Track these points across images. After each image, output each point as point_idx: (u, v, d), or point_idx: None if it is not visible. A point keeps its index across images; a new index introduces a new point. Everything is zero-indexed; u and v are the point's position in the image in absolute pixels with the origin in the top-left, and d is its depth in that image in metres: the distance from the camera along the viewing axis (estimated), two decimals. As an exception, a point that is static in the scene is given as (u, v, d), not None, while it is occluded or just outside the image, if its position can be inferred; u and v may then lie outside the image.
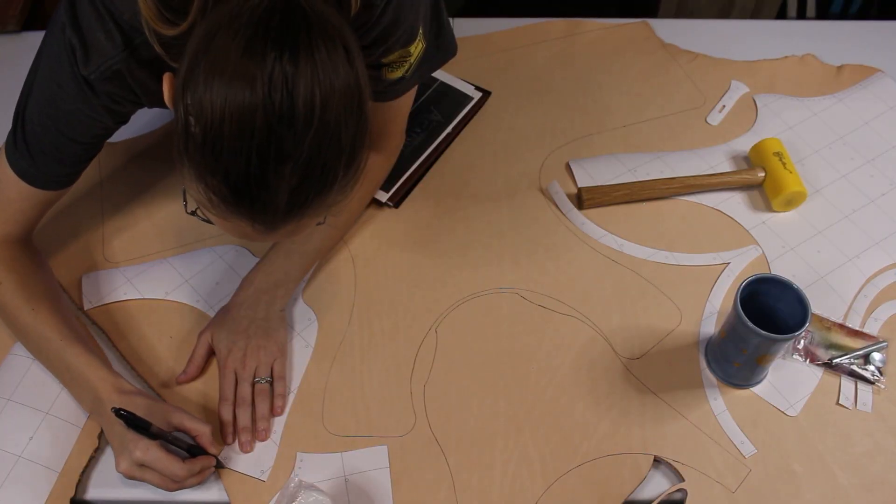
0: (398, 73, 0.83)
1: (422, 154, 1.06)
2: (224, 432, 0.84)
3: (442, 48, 0.92)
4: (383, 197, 1.02)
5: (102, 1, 0.71)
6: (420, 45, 0.82)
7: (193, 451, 0.80)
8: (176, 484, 0.77)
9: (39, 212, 0.86)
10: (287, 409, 0.86)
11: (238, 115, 0.57)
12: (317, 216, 0.65)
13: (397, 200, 1.03)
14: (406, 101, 0.93)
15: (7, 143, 0.81)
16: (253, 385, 0.86)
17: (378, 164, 0.97)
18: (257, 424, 0.84)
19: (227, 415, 0.85)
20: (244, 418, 0.84)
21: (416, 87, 0.92)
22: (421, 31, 0.81)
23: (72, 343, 0.81)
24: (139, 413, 0.76)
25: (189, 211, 0.68)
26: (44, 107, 0.78)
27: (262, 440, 0.84)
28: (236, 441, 0.84)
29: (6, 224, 0.85)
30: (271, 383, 0.87)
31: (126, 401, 0.78)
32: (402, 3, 0.77)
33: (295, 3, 0.59)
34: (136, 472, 0.76)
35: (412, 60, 0.83)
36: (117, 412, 0.74)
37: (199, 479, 0.79)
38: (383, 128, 0.94)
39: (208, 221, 0.67)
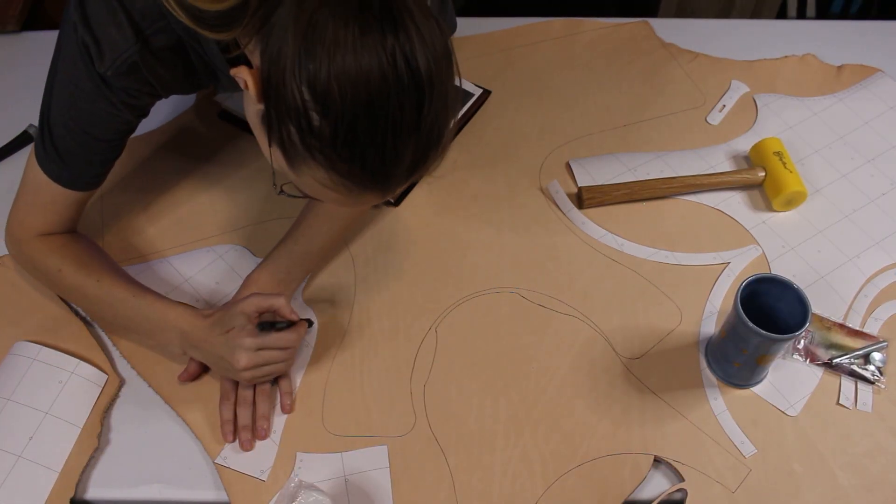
0: None
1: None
2: (224, 430, 0.84)
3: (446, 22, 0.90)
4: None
5: None
6: None
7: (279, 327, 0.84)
8: (290, 354, 0.83)
9: (76, 211, 0.88)
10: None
11: (371, 102, 0.58)
12: (420, 177, 0.67)
13: (398, 198, 1.03)
14: None
15: (36, 147, 0.83)
16: (255, 384, 0.86)
17: None
18: (258, 423, 0.84)
19: (227, 413, 0.85)
20: (245, 417, 0.84)
21: None
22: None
23: (142, 296, 0.85)
24: (225, 320, 0.82)
25: (278, 191, 0.71)
26: (66, 109, 0.78)
27: (262, 438, 0.84)
28: (237, 440, 0.84)
29: (48, 225, 0.87)
30: (272, 382, 0.87)
31: (210, 322, 0.83)
32: None
33: None
34: (257, 358, 0.81)
35: None
36: (260, 325, 0.81)
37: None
38: None
39: (299, 196, 0.70)
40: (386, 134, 0.59)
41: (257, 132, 0.68)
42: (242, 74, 0.63)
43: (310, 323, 0.88)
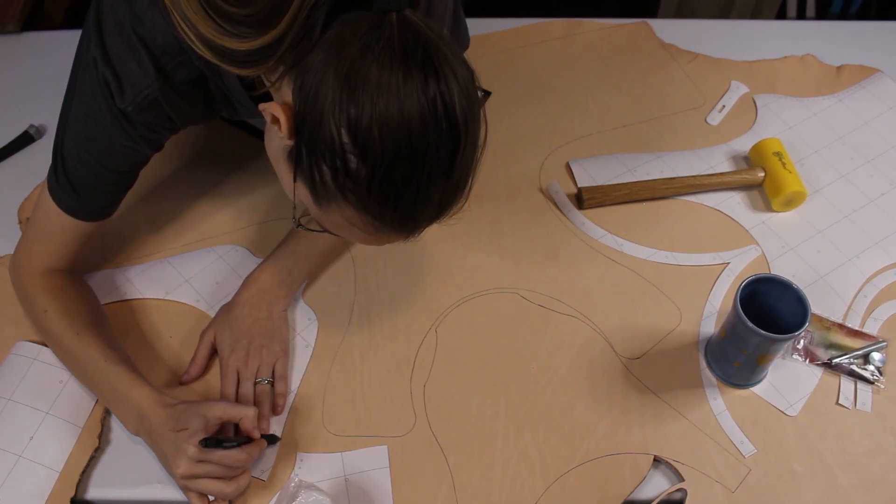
0: None
1: None
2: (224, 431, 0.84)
3: (458, 40, 0.91)
4: None
5: (134, 30, 0.71)
6: None
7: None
8: (237, 473, 0.77)
9: (81, 245, 0.88)
10: (287, 409, 0.86)
11: (411, 148, 0.58)
12: (448, 216, 0.67)
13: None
14: None
15: (49, 178, 0.83)
16: (255, 385, 0.86)
17: None
18: (260, 424, 0.84)
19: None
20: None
21: None
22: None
23: (115, 363, 0.82)
24: (183, 418, 0.77)
25: (296, 225, 0.72)
26: (82, 142, 0.78)
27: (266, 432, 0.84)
28: None
29: (51, 257, 0.87)
30: (272, 384, 0.87)
31: (170, 413, 0.78)
32: None
33: (413, 23, 0.58)
34: (197, 469, 0.76)
35: None
36: (204, 441, 0.75)
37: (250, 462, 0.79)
38: None
39: (319, 231, 0.71)
40: (420, 179, 0.60)
41: (280, 166, 0.67)
42: (272, 110, 0.62)
43: (272, 440, 0.82)
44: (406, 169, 0.59)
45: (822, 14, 1.98)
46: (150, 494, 0.82)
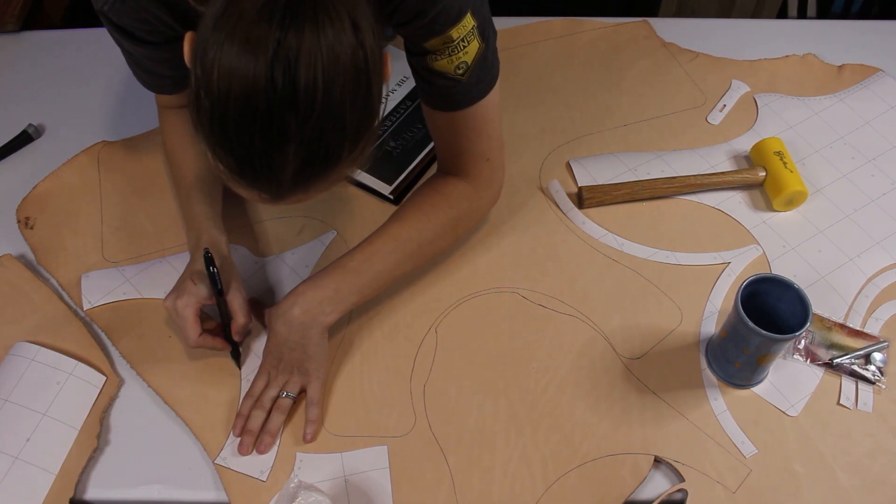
0: (446, 66, 0.79)
1: (424, 149, 1.06)
2: (235, 424, 0.84)
3: (496, 61, 0.84)
4: (385, 189, 1.02)
5: None
6: (474, 41, 0.78)
7: (226, 329, 0.88)
8: (187, 342, 0.85)
9: (178, 99, 0.95)
10: (288, 406, 0.86)
11: (242, 96, 0.58)
12: (323, 190, 0.67)
13: (398, 195, 1.02)
14: (479, 117, 0.84)
15: None
16: (278, 395, 0.85)
17: (462, 191, 0.90)
18: (262, 437, 0.84)
19: (244, 409, 0.85)
20: (255, 422, 0.84)
21: (492, 106, 0.85)
22: (475, 24, 0.76)
23: (199, 193, 0.90)
24: (202, 276, 0.84)
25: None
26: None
27: (261, 453, 0.83)
28: (239, 440, 0.84)
29: (167, 104, 0.97)
30: (294, 398, 0.85)
31: (214, 257, 0.84)
32: None
33: None
34: (171, 313, 0.85)
35: (465, 58, 0.78)
36: (207, 256, 0.82)
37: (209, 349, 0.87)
38: (454, 145, 0.87)
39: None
40: (254, 135, 0.60)
41: None
42: (186, 40, 0.66)
43: (234, 353, 0.89)
44: (238, 119, 0.59)
45: (824, 13, 1.97)
46: (149, 494, 0.82)
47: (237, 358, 0.89)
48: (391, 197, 1.02)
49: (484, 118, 0.85)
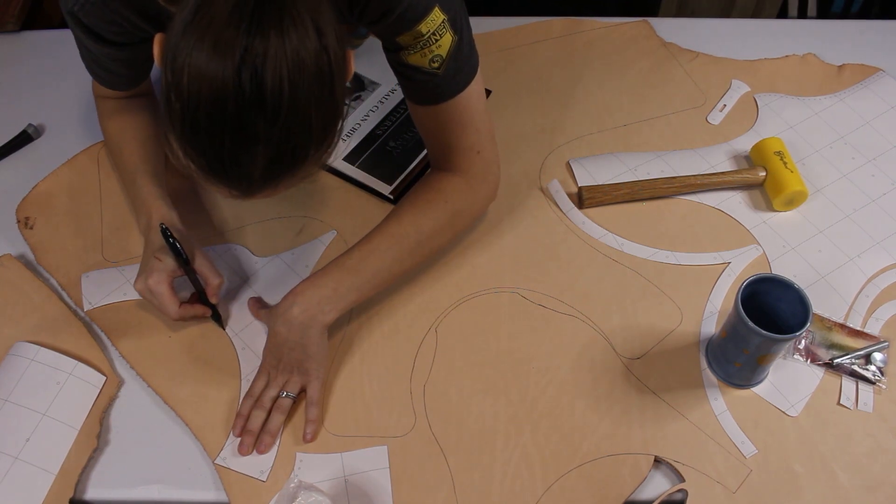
0: (419, 60, 0.80)
1: (423, 149, 1.06)
2: (235, 423, 0.84)
3: (474, 53, 0.85)
4: (386, 189, 1.02)
5: None
6: (446, 34, 0.79)
7: (202, 296, 0.89)
8: (169, 315, 0.86)
9: (126, 92, 0.97)
10: (288, 406, 0.86)
11: (212, 99, 0.60)
12: (290, 185, 0.69)
13: (398, 195, 1.02)
14: (462, 109, 0.86)
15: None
16: (278, 395, 0.85)
17: (456, 186, 0.90)
18: (262, 437, 0.83)
19: (244, 409, 0.85)
20: (255, 422, 0.84)
21: (474, 97, 0.86)
22: (445, 18, 0.78)
23: (145, 176, 0.92)
24: (165, 251, 0.85)
25: (174, 160, 0.71)
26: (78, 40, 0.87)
27: (261, 453, 0.83)
28: (239, 440, 0.84)
29: (110, 96, 0.98)
30: (293, 398, 0.85)
31: (171, 231, 0.85)
32: None
33: None
34: (146, 295, 0.86)
35: (438, 52, 0.80)
36: (164, 229, 0.83)
37: (191, 319, 0.89)
38: (442, 140, 0.89)
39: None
40: (224, 137, 0.62)
41: None
42: (157, 38, 0.67)
43: (214, 316, 0.91)
44: (208, 121, 0.61)
45: (824, 13, 1.98)
46: (149, 494, 0.82)
47: (219, 320, 0.91)
48: (391, 197, 1.02)
49: (467, 110, 0.86)
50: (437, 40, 0.79)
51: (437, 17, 0.78)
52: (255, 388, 0.86)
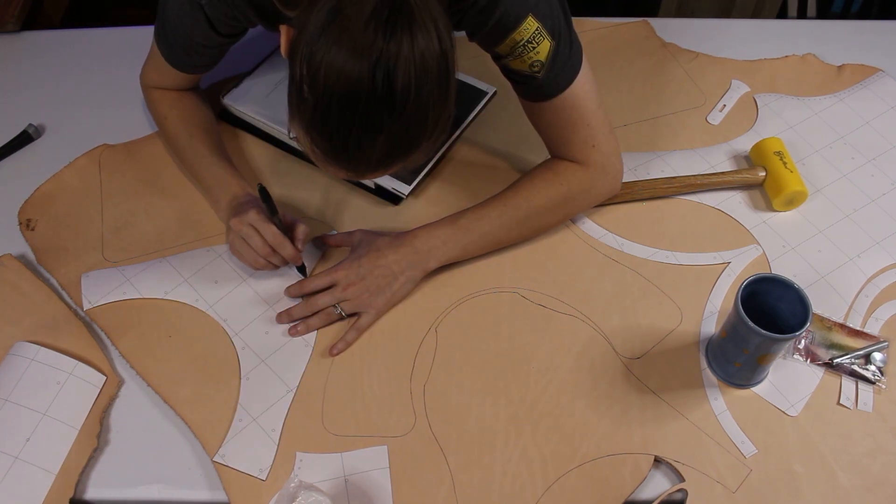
0: (520, 66, 0.86)
1: (441, 147, 1.05)
2: (281, 315, 0.92)
3: (575, 54, 0.89)
4: (406, 189, 1.00)
5: None
6: (544, 41, 0.84)
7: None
8: (266, 252, 0.90)
9: (190, 81, 1.03)
10: (288, 406, 0.86)
11: (346, 93, 0.67)
12: (398, 170, 0.77)
13: (397, 196, 1.02)
14: (569, 106, 0.90)
15: (156, 26, 0.95)
16: (331, 305, 0.91)
17: (574, 171, 0.94)
18: (297, 324, 0.91)
19: (293, 291, 0.93)
20: (299, 311, 0.92)
21: (581, 94, 0.89)
22: (538, 26, 0.83)
23: (220, 158, 0.98)
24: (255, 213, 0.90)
25: (291, 136, 0.78)
26: (170, 9, 0.90)
27: (290, 335, 0.91)
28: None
29: (163, 83, 1.02)
30: (342, 317, 0.92)
31: (252, 203, 0.92)
32: None
33: None
34: (245, 230, 0.90)
35: (537, 57, 0.85)
36: (262, 188, 0.87)
37: (281, 261, 0.93)
38: (555, 135, 0.94)
39: (304, 157, 0.84)
40: (351, 127, 0.69)
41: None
42: (282, 30, 0.73)
43: (301, 270, 0.94)
44: (340, 113, 0.68)
45: (824, 13, 1.98)
46: (149, 494, 0.82)
47: (303, 270, 0.94)
48: (403, 195, 1.01)
49: (574, 106, 0.90)
50: (534, 47, 0.84)
51: (530, 25, 0.83)
52: (312, 284, 0.92)
